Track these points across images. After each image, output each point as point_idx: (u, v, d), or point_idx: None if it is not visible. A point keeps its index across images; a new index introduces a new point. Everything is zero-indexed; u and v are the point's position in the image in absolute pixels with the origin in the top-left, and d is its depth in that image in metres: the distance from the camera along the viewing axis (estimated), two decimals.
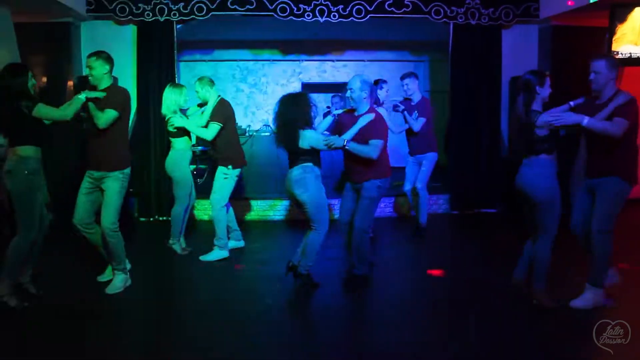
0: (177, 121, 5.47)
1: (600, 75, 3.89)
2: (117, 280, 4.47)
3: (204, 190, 8.03)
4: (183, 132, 5.56)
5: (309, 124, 4.40)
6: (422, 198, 6.28)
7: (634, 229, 6.35)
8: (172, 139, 5.62)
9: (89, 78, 4.37)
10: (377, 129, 4.51)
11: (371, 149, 4.45)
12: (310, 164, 4.41)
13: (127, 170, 4.47)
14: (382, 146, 4.52)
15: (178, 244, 5.67)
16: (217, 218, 5.44)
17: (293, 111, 4.38)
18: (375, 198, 4.67)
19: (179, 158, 5.59)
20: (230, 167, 5.42)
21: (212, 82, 5.72)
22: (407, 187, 6.43)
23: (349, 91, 4.60)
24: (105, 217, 4.34)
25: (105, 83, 4.36)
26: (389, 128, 5.18)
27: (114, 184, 4.36)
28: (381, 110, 5.22)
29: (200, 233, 6.61)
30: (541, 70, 4.06)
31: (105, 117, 4.22)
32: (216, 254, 5.45)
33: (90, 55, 4.38)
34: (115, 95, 4.35)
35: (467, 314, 4.05)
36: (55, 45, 7.12)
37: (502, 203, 7.74)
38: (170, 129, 5.53)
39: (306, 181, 4.39)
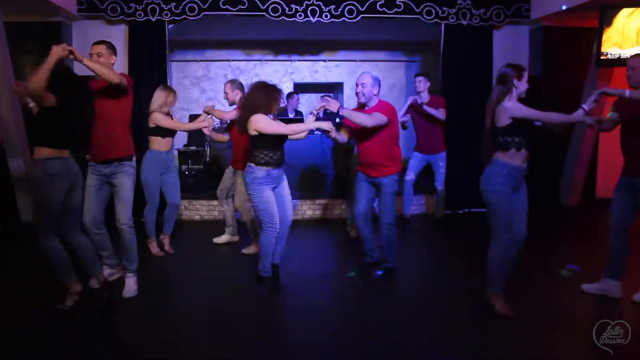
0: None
1: (636, 71, 3.96)
2: (132, 282, 4.41)
3: (197, 189, 8.07)
4: (159, 131, 5.48)
5: (270, 112, 4.37)
6: (440, 195, 6.90)
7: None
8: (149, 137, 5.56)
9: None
10: (384, 109, 4.59)
11: (368, 117, 4.48)
12: (251, 165, 4.36)
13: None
14: (382, 121, 4.51)
15: (154, 244, 5.66)
16: None
17: (258, 97, 4.34)
18: (396, 191, 4.77)
19: (146, 158, 5.51)
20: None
21: (242, 86, 5.74)
22: (411, 176, 6.78)
23: (360, 86, 4.61)
24: (123, 213, 4.30)
25: None
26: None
27: (127, 178, 4.30)
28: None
29: (189, 233, 6.62)
30: (520, 65, 4.03)
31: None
32: None
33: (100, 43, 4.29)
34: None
35: (461, 313, 4.05)
36: (45, 45, 7.03)
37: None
38: (152, 125, 5.48)
39: (246, 182, 4.41)
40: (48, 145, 3.78)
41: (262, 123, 4.27)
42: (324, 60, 11.22)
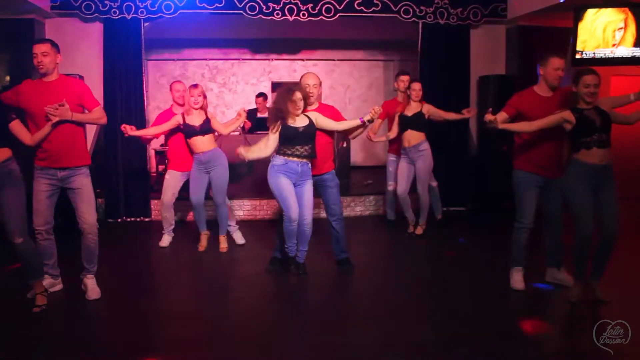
0: None
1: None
2: (94, 283, 4.33)
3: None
4: None
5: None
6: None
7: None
8: None
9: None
10: (328, 110, 4.93)
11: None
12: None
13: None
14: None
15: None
16: None
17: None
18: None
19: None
20: None
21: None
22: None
23: (313, 87, 4.80)
24: (90, 215, 4.22)
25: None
26: None
27: (86, 178, 4.22)
28: None
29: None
30: None
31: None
32: None
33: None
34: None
35: (457, 311, 4.07)
36: (18, 42, 6.95)
37: (471, 201, 7.83)
38: None
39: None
40: None
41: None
42: (302, 60, 11.20)
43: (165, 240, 5.94)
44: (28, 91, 4.04)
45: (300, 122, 4.56)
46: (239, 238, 6.03)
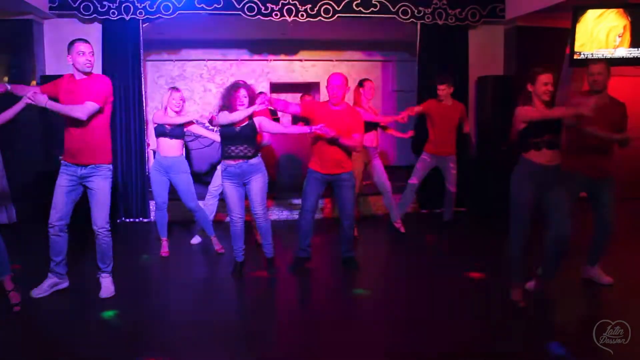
0: None
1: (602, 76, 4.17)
2: (109, 283, 4.39)
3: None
4: None
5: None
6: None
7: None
8: None
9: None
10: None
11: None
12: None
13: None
14: None
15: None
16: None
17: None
18: None
19: None
20: None
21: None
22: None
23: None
24: (101, 217, 4.25)
25: None
26: None
27: (104, 180, 4.24)
28: None
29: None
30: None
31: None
32: None
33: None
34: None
35: (460, 313, 4.08)
36: (16, 43, 6.95)
37: (470, 202, 7.83)
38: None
39: None
40: None
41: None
42: (301, 60, 11.19)
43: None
44: (63, 86, 4.16)
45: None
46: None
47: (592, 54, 6.83)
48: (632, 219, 6.60)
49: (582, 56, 6.88)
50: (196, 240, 6.11)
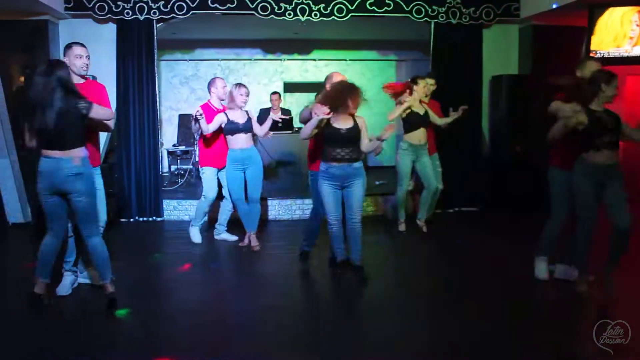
0: None
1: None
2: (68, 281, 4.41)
3: (184, 190, 8.04)
4: None
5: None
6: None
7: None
8: None
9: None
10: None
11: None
12: None
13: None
14: None
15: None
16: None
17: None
18: None
19: None
20: None
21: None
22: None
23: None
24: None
25: None
26: None
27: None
28: None
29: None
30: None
31: None
32: None
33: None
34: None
35: (462, 310, 4.07)
36: (32, 44, 7.00)
37: (483, 202, 7.78)
38: None
39: None
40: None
41: None
42: (314, 60, 11.20)
43: (197, 236, 6.12)
44: None
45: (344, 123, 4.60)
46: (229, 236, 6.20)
47: (608, 52, 6.77)
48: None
49: (598, 55, 6.82)
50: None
